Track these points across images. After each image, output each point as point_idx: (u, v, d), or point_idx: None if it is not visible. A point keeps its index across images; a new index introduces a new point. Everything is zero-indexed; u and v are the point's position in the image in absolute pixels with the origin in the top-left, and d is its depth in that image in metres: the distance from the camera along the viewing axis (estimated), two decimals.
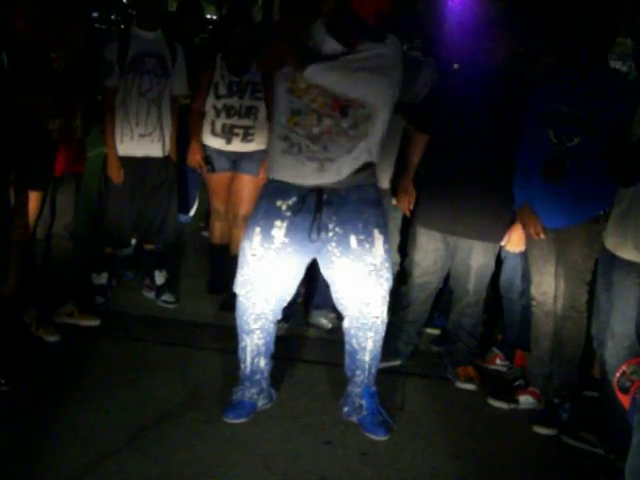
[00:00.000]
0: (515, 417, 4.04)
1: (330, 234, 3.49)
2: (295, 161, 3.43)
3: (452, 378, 4.34)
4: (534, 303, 4.07)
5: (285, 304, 3.71)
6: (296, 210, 3.47)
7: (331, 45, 3.37)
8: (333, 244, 3.51)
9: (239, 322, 3.67)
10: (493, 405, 4.12)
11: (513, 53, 4.10)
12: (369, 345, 3.67)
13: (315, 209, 3.46)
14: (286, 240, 3.49)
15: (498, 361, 4.59)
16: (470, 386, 4.28)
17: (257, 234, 3.52)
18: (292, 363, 4.35)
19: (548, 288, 3.96)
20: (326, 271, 3.64)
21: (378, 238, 3.53)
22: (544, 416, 3.98)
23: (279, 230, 3.49)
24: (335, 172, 3.43)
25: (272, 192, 3.54)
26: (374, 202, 3.56)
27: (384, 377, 4.03)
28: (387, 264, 3.58)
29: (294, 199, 3.48)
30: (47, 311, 4.43)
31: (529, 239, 4.01)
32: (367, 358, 3.70)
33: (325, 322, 4.87)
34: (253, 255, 3.54)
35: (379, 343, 3.71)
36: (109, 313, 4.79)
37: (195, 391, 3.97)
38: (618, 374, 2.70)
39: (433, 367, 4.52)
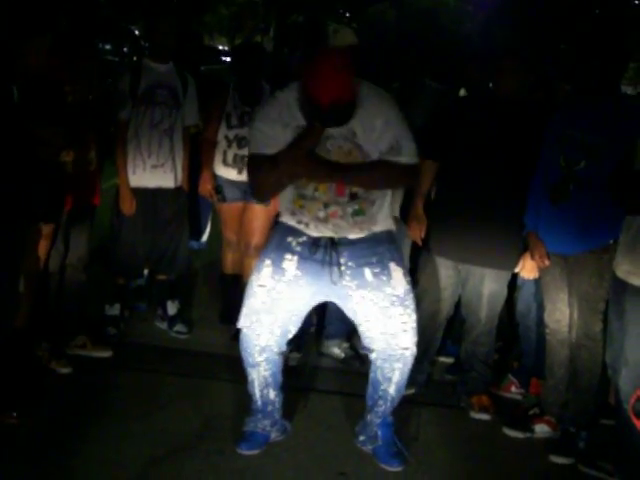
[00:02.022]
0: (531, 446, 4.00)
1: (343, 268, 3.45)
2: (306, 228, 3.45)
3: (466, 407, 4.31)
4: (548, 331, 4.05)
5: (290, 336, 3.65)
6: (307, 247, 3.46)
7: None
8: (347, 278, 3.46)
9: (244, 355, 3.62)
10: (508, 434, 4.09)
11: (524, 81, 4.10)
12: (395, 377, 3.59)
13: (326, 248, 3.44)
14: (298, 273, 3.46)
15: (513, 389, 4.56)
16: (484, 416, 4.24)
17: (267, 266, 3.50)
18: (305, 394, 4.33)
19: (561, 316, 3.94)
20: (346, 306, 3.59)
21: (395, 270, 3.48)
22: (560, 445, 3.94)
23: (290, 263, 3.47)
24: (347, 241, 3.45)
25: (284, 230, 3.53)
26: (388, 240, 3.53)
27: (397, 407, 3.99)
28: (411, 295, 3.52)
29: (304, 238, 3.47)
30: (59, 343, 4.43)
31: (542, 267, 4.00)
32: (391, 390, 3.62)
33: (338, 352, 4.84)
34: (261, 286, 3.50)
35: (405, 375, 3.61)
36: (121, 344, 4.78)
37: (208, 422, 3.95)
38: (633, 400, 2.68)
39: (447, 396, 4.49)
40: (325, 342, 4.91)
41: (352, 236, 3.44)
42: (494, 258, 4.12)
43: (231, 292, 5.22)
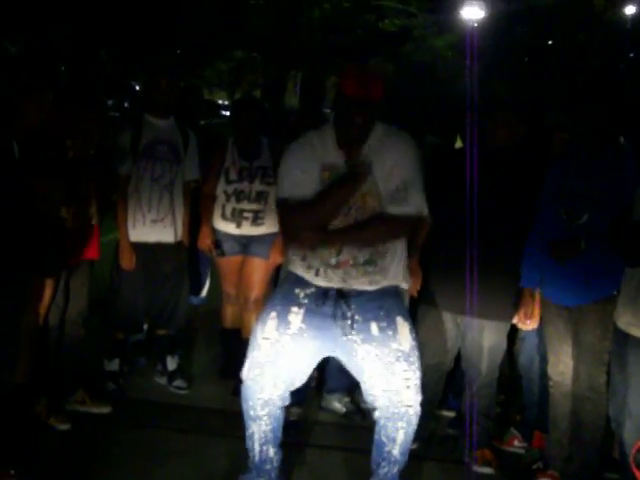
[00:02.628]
0: None
1: (349, 322, 3.41)
2: (314, 277, 3.44)
3: (469, 461, 4.25)
4: (551, 383, 4.02)
5: (293, 389, 3.61)
6: (314, 299, 3.44)
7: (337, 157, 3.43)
8: (353, 332, 3.41)
9: (245, 407, 3.56)
10: None
11: (516, 134, 4.13)
12: (399, 437, 3.47)
13: (335, 301, 3.42)
14: (303, 326, 3.43)
15: (516, 442, 4.52)
16: (487, 469, 4.20)
17: (272, 318, 3.47)
18: (306, 449, 4.29)
19: (565, 368, 3.92)
20: (350, 362, 3.54)
21: (402, 325, 3.44)
22: None
23: (296, 316, 3.44)
24: (355, 293, 3.43)
25: (292, 281, 3.52)
26: (394, 294, 3.52)
27: None
28: (416, 351, 3.46)
29: (312, 289, 3.45)
30: (58, 398, 4.40)
31: (545, 318, 3.99)
32: (396, 452, 3.50)
33: (339, 406, 4.81)
34: (265, 339, 3.47)
35: (410, 437, 3.51)
36: (121, 400, 4.74)
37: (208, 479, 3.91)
38: (634, 451, 2.65)
39: (449, 450, 4.44)
40: (326, 396, 4.88)
41: (360, 288, 3.42)
42: (491, 309, 4.11)
43: (231, 347, 5.20)
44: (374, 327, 3.41)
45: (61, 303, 4.34)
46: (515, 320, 4.16)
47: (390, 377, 3.42)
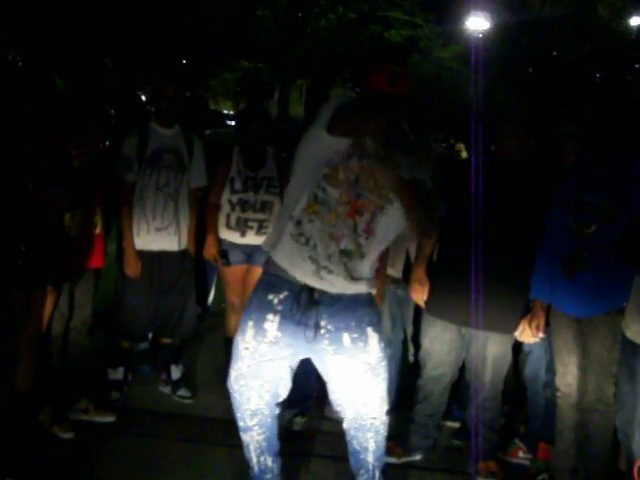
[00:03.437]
0: None
1: (322, 331, 3.36)
2: (297, 251, 3.31)
3: (474, 473, 4.23)
4: (559, 395, 4.00)
5: (280, 400, 3.56)
6: (287, 305, 3.36)
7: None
8: (326, 342, 3.37)
9: (236, 418, 3.54)
10: None
11: (526, 146, 4.13)
12: (370, 446, 3.52)
13: (306, 306, 3.34)
14: (279, 334, 3.37)
15: (521, 454, 4.49)
16: None
17: (250, 327, 3.41)
18: (309, 458, 4.27)
19: (573, 379, 3.90)
20: (322, 369, 3.52)
21: (372, 336, 3.40)
22: None
23: (271, 324, 3.37)
24: (329, 284, 3.33)
25: (264, 286, 3.44)
26: (367, 301, 3.45)
27: (403, 472, 3.95)
28: (383, 363, 3.44)
29: (285, 293, 3.37)
30: (62, 407, 4.39)
31: (555, 329, 3.98)
32: (370, 458, 3.55)
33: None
34: (246, 349, 3.42)
35: (381, 443, 3.54)
36: (124, 409, 4.74)
37: None
38: (639, 463, 2.63)
39: (454, 461, 4.43)
40: (329, 406, 4.85)
41: (333, 289, 3.33)
42: (496, 321, 4.10)
43: None
44: (346, 338, 3.37)
45: (66, 312, 4.34)
46: (518, 333, 4.14)
47: (357, 389, 3.42)
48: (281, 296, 3.37)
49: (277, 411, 3.58)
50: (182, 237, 4.87)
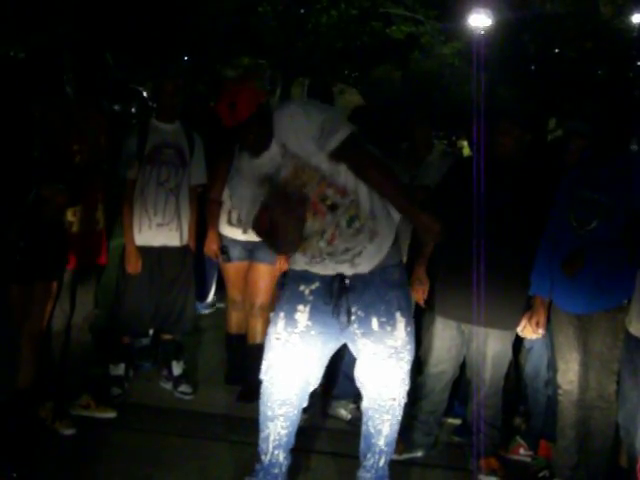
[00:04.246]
0: None
1: (353, 317, 3.47)
2: (324, 266, 3.45)
3: (474, 470, 4.23)
4: (560, 392, 4.00)
5: (310, 389, 3.64)
6: (319, 295, 3.47)
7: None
8: (355, 325, 3.49)
9: (262, 409, 3.60)
10: None
11: (521, 143, 4.12)
12: (385, 429, 3.60)
13: (338, 294, 3.45)
14: (309, 323, 3.48)
15: (522, 451, 4.49)
16: (493, 478, 4.17)
17: (281, 319, 3.53)
18: (311, 455, 4.27)
19: (574, 377, 3.90)
20: (353, 349, 3.63)
21: (400, 321, 3.50)
22: None
23: (302, 314, 3.49)
24: (367, 263, 3.43)
25: (295, 278, 3.56)
26: (398, 284, 3.54)
27: (405, 469, 3.95)
28: (409, 346, 3.55)
29: (317, 284, 3.48)
30: (63, 403, 4.39)
31: (556, 326, 3.97)
32: (381, 442, 3.62)
33: (345, 413, 4.78)
34: (277, 339, 3.53)
35: (395, 427, 3.63)
36: (126, 404, 4.74)
37: None
38: None
39: (455, 458, 4.42)
40: (332, 403, 4.86)
41: (358, 271, 3.42)
42: (496, 318, 4.10)
43: (236, 352, 5.19)
44: (374, 322, 3.48)
45: (67, 308, 4.33)
46: (519, 329, 4.14)
47: (381, 372, 3.53)
48: (312, 287, 3.49)
49: (305, 404, 3.66)
50: (184, 233, 4.87)
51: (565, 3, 21.69)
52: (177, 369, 5.08)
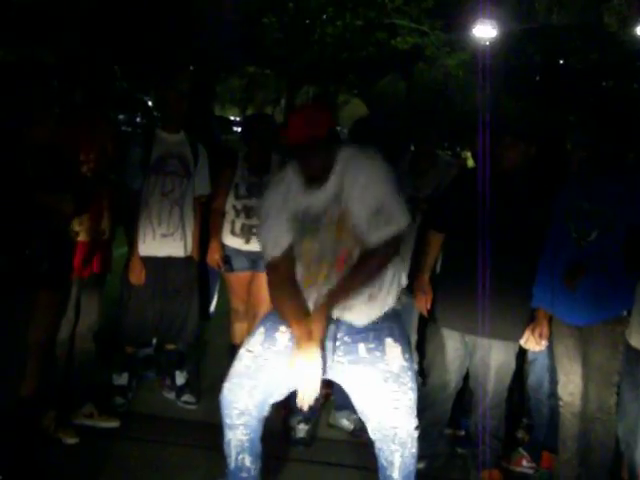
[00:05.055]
0: None
1: (338, 343, 3.38)
2: (314, 299, 3.39)
3: None
4: (561, 404, 4.00)
5: (270, 404, 3.52)
6: None
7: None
8: (340, 354, 3.38)
9: (222, 415, 3.49)
10: None
11: (526, 156, 4.12)
12: (396, 460, 3.37)
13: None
14: (290, 344, 3.37)
15: (524, 463, 4.48)
16: None
17: (260, 333, 3.46)
18: (314, 466, 4.27)
19: (575, 389, 3.90)
20: (342, 383, 3.52)
21: (391, 346, 3.37)
22: None
23: (283, 335, 3.41)
24: (356, 317, 3.38)
25: None
26: (391, 318, 3.45)
27: None
28: (409, 372, 3.39)
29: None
30: (66, 412, 4.40)
31: (556, 338, 3.98)
32: (396, 475, 3.39)
33: (347, 423, 4.78)
34: (249, 351, 3.45)
35: (409, 460, 3.39)
36: (129, 414, 4.74)
37: None
38: None
39: (458, 470, 4.42)
40: (334, 413, 4.86)
41: (352, 321, 3.38)
42: (499, 329, 4.09)
43: None
44: (362, 348, 3.37)
45: (72, 317, 4.34)
46: (523, 340, 4.14)
47: (378, 398, 3.36)
48: None
49: (266, 413, 3.53)
50: (188, 243, 4.88)
51: (570, 14, 21.74)
52: (180, 379, 5.08)
